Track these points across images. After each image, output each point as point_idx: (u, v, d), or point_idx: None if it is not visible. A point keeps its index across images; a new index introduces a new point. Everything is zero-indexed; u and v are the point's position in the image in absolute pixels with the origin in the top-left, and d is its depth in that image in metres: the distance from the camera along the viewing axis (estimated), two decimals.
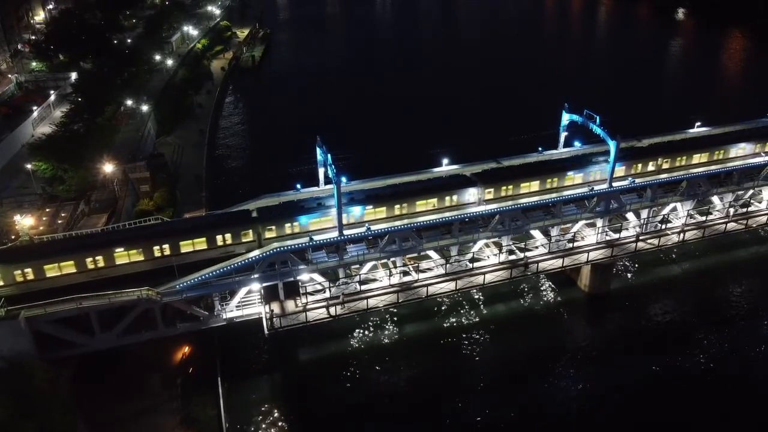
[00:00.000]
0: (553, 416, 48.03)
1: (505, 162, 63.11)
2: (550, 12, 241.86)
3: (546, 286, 62.64)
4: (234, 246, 52.28)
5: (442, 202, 57.04)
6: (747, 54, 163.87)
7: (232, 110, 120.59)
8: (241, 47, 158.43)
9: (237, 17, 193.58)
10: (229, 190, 78.57)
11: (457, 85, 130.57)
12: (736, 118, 75.75)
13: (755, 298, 61.73)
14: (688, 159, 64.89)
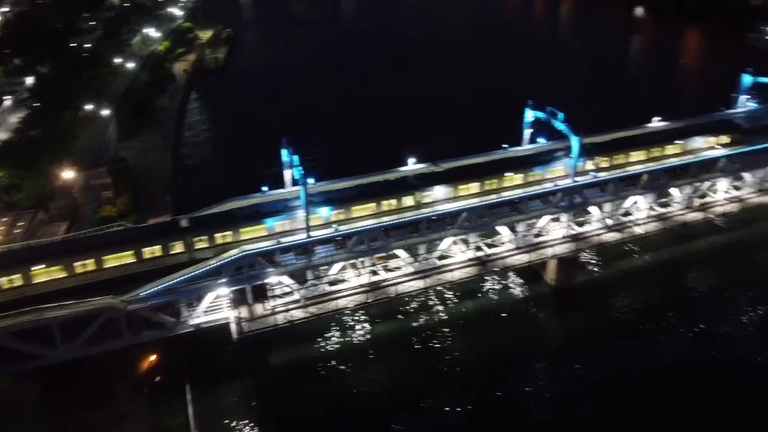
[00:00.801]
0: (526, 411, 48.58)
1: (443, 165, 63.09)
2: (514, 10, 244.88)
3: (514, 281, 63.40)
4: (163, 258, 51.12)
5: (380, 207, 57.37)
6: (702, 49, 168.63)
7: (197, 113, 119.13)
8: (205, 49, 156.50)
9: (199, 18, 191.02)
10: (195, 194, 77.49)
11: (423, 83, 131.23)
12: (693, 112, 77.66)
13: (715, 286, 63.55)
14: (627, 157, 66.69)
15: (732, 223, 71.02)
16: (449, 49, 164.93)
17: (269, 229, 54.39)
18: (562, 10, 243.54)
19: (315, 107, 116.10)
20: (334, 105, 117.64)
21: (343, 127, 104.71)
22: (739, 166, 66.30)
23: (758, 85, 77.06)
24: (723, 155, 65.52)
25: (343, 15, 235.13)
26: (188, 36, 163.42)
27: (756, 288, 62.71)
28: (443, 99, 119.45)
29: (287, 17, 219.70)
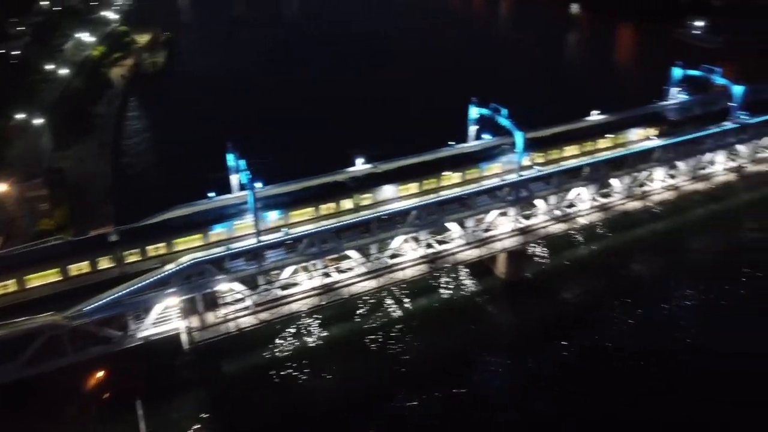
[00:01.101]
0: (484, 406, 49.23)
1: (383, 166, 63.66)
2: (455, 7, 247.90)
3: (465, 276, 64.22)
4: (91, 275, 49.62)
5: (318, 212, 57.65)
6: (635, 45, 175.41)
7: (137, 119, 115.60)
8: (142, 53, 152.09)
9: (135, 21, 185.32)
10: (139, 203, 74.95)
11: (368, 81, 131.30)
12: (630, 104, 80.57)
13: (656, 271, 66.18)
14: (560, 152, 69.16)
15: (669, 210, 74.03)
16: (392, 47, 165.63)
17: (205, 238, 53.20)
18: (502, 7, 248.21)
19: (260, 110, 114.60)
20: (279, 107, 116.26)
21: (289, 129, 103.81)
22: (673, 155, 69.10)
23: (687, 77, 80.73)
24: (658, 145, 68.15)
25: (286, 15, 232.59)
26: (124, 40, 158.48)
27: (692, 271, 65.79)
28: (388, 97, 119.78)
29: (228, 19, 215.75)
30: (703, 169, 73.76)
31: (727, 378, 50.81)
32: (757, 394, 49.32)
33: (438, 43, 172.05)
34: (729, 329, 56.84)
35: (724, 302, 60.22)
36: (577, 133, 71.95)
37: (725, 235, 72.49)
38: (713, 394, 49.29)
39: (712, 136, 71.33)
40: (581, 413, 48.17)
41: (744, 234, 72.88)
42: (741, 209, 77.49)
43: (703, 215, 75.50)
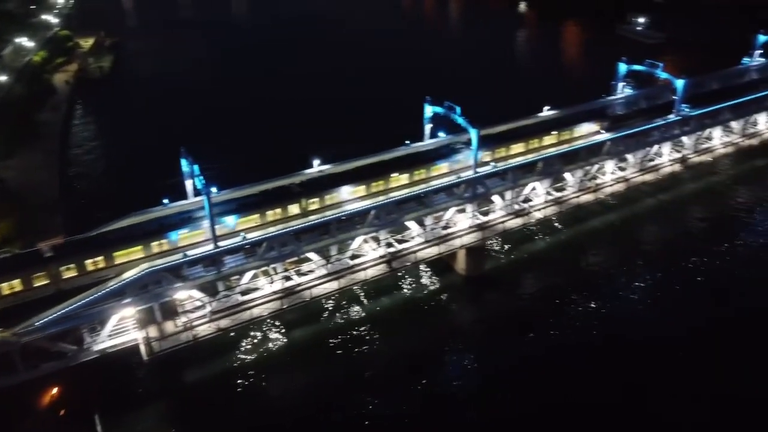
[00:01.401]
0: (448, 402, 49.57)
1: (337, 167, 63.48)
2: (406, 9, 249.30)
3: (426, 273, 64.68)
4: (25, 293, 47.61)
5: (264, 218, 57.14)
6: (581, 41, 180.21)
7: (84, 126, 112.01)
8: (87, 57, 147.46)
9: (78, 25, 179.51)
10: (89, 213, 72.77)
11: (321, 84, 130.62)
12: (578, 99, 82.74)
13: (611, 261, 67.96)
14: (507, 150, 70.45)
15: (620, 201, 76.32)
16: (345, 46, 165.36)
17: (147, 249, 51.88)
18: (452, 5, 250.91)
19: (212, 113, 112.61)
20: (232, 109, 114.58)
21: (242, 131, 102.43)
22: (622, 148, 71.19)
23: (632, 72, 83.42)
24: (608, 138, 70.07)
25: (237, 15, 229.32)
26: (67, 44, 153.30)
27: (645, 259, 67.92)
28: (341, 97, 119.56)
29: (176, 20, 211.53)
30: (651, 160, 76.22)
31: (684, 364, 52.75)
32: (711, 381, 51.13)
33: (390, 43, 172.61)
34: (683, 315, 58.85)
35: (677, 288, 62.50)
36: (526, 129, 73.34)
37: (674, 223, 75.19)
38: (672, 381, 50.93)
39: (658, 129, 73.82)
40: (546, 404, 48.98)
41: (691, 222, 75.76)
42: (687, 198, 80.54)
43: (652, 205, 78.12)
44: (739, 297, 61.25)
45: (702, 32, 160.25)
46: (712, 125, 79.77)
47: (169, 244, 52.69)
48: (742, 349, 54.04)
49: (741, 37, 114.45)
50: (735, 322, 57.73)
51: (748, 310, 59.06)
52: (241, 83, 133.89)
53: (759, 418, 47.35)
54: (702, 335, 55.92)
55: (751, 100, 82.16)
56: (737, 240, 71.07)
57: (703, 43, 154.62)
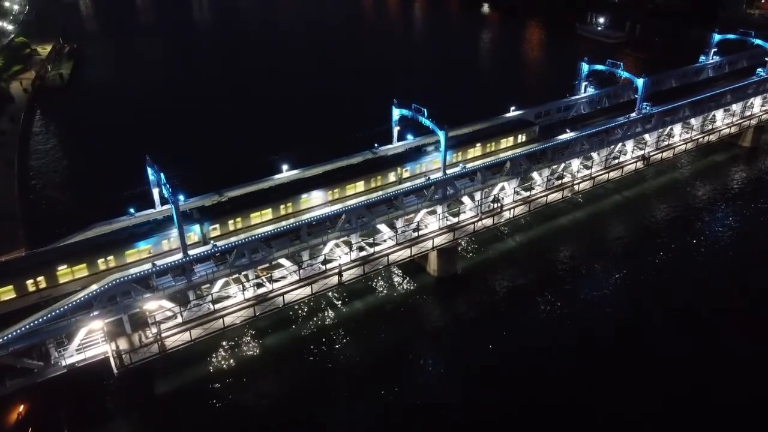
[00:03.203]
0: (424, 404, 49.68)
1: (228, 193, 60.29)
2: (369, 9, 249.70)
3: (398, 276, 64.82)
4: None
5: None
6: (542, 41, 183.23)
7: (44, 135, 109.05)
8: (46, 65, 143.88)
9: (35, 32, 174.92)
10: (53, 223, 70.85)
11: (289, 88, 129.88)
12: (544, 99, 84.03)
13: (579, 258, 69.14)
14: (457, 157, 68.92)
15: (587, 198, 77.76)
16: (311, 50, 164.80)
17: (92, 267, 50.22)
18: (416, 8, 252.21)
19: (176, 119, 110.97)
20: (195, 115, 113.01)
21: (207, 136, 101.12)
22: (587, 146, 72.48)
23: (595, 71, 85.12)
24: (575, 137, 71.25)
25: (197, 19, 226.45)
26: (25, 52, 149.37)
27: (613, 255, 69.39)
28: (305, 99, 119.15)
29: (136, 26, 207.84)
30: (615, 158, 77.79)
31: (651, 361, 54.00)
32: (677, 379, 52.39)
33: (354, 45, 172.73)
34: (651, 311, 60.28)
35: (643, 284, 63.94)
36: (490, 131, 73.82)
37: (639, 219, 76.83)
38: (641, 378, 52.04)
39: (621, 127, 75.42)
40: (520, 405, 49.51)
41: (655, 218, 77.49)
42: (651, 194, 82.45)
43: (618, 201, 79.84)
44: (703, 293, 62.88)
45: (657, 30, 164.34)
46: (673, 122, 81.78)
47: (117, 260, 50.91)
48: (708, 346, 55.55)
49: (696, 36, 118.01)
50: (701, 318, 59.36)
51: (711, 307, 60.77)
52: (204, 87, 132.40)
53: (727, 416, 48.59)
54: (667, 332, 57.23)
55: (709, 97, 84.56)
56: (700, 235, 73.08)
57: (661, 42, 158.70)
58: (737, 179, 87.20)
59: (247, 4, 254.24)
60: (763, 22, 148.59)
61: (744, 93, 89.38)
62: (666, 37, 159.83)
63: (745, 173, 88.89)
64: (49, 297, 47.54)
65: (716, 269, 66.47)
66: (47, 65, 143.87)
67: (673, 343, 55.45)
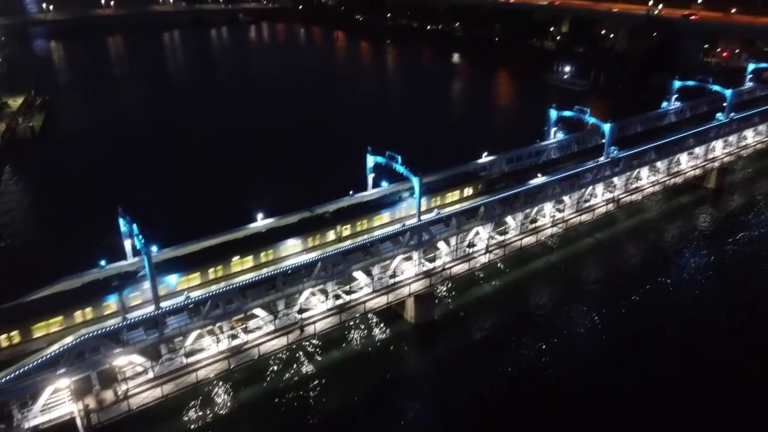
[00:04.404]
0: None
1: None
2: (342, 60, 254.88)
3: (376, 323, 64.17)
4: None
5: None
6: (512, 89, 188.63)
7: (14, 187, 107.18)
8: (17, 117, 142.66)
9: (7, 85, 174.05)
10: (20, 277, 68.86)
11: (263, 136, 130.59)
12: (515, 144, 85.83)
13: (553, 300, 69.65)
14: None
15: (560, 242, 78.66)
16: (285, 98, 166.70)
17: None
18: (388, 58, 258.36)
19: (149, 170, 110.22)
20: (168, 165, 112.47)
21: (181, 186, 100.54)
22: (559, 190, 73.81)
23: (563, 118, 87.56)
24: (547, 182, 72.57)
25: (171, 70, 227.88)
26: None
27: (587, 297, 69.80)
28: (281, 149, 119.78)
29: (110, 77, 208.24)
30: (586, 201, 79.23)
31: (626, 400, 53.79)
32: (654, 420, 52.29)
33: (328, 93, 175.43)
34: (624, 353, 60.56)
35: (618, 325, 64.30)
36: (433, 185, 72.94)
37: (611, 261, 77.89)
38: (618, 421, 51.95)
39: (590, 171, 77.14)
40: None
41: (627, 259, 78.65)
42: (622, 236, 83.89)
43: (591, 244, 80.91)
44: (674, 332, 63.55)
45: (618, 78, 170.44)
46: (640, 165, 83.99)
47: (48, 327, 49.02)
48: (683, 385, 55.89)
49: (658, 83, 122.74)
50: (673, 357, 59.70)
51: (685, 343, 61.36)
52: (178, 136, 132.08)
53: None
54: (643, 374, 57.34)
55: (673, 141, 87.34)
56: (670, 275, 74.32)
57: (624, 89, 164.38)
58: (704, 220, 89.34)
59: (221, 52, 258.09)
60: (719, 70, 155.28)
61: (706, 137, 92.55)
62: (629, 84, 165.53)
63: (710, 214, 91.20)
64: (23, 352, 45.88)
65: (686, 309, 67.38)
66: (18, 118, 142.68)
67: (648, 384, 55.49)
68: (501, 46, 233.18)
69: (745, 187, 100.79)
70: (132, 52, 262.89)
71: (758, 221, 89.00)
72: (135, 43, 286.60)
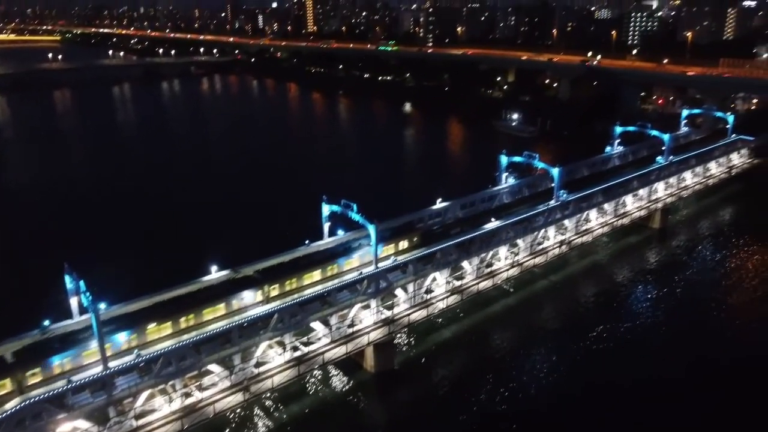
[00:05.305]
0: None
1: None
2: (296, 111, 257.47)
3: (335, 374, 62.84)
4: None
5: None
6: (463, 137, 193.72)
7: None
8: None
9: None
10: None
11: (216, 186, 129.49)
12: (469, 191, 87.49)
13: (512, 343, 70.07)
14: None
15: (516, 285, 79.54)
16: (237, 148, 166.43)
17: None
18: (342, 108, 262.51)
19: (96, 224, 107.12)
20: (117, 219, 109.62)
21: (129, 241, 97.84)
22: (512, 234, 75.14)
23: (513, 163, 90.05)
24: (501, 225, 73.86)
25: (120, 123, 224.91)
26: None
27: (544, 339, 70.32)
28: (234, 200, 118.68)
29: (55, 131, 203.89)
30: (539, 244, 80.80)
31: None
32: None
33: (282, 145, 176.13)
34: (581, 394, 60.85)
35: (575, 367, 64.84)
36: None
37: (566, 301, 79.06)
38: None
39: (542, 214, 79.04)
40: None
41: (581, 298, 79.99)
42: (575, 277, 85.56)
43: (546, 286, 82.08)
44: (629, 371, 64.25)
45: (563, 125, 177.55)
46: (588, 208, 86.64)
47: None
48: (639, 426, 56.39)
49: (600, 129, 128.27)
50: (630, 399, 60.36)
51: (639, 384, 62.11)
52: (126, 191, 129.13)
53: None
54: (600, 416, 57.67)
55: (618, 184, 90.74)
56: (622, 313, 75.94)
57: (569, 134, 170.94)
58: (651, 259, 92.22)
59: (173, 105, 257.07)
60: (656, 116, 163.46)
61: (648, 179, 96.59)
62: (574, 130, 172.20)
63: (657, 253, 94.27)
64: None
65: (638, 345, 68.65)
66: None
67: (607, 427, 55.73)
68: (451, 95, 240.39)
69: (687, 227, 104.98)
70: (80, 106, 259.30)
71: (700, 259, 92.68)
72: (84, 97, 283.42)
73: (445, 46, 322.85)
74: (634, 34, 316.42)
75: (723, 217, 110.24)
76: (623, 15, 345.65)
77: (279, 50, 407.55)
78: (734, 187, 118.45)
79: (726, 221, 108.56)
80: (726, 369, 63.74)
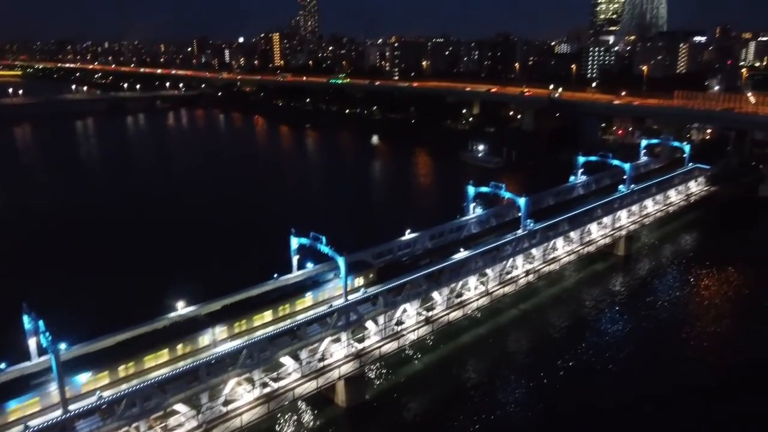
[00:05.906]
0: None
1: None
2: (263, 144, 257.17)
3: (305, 410, 61.55)
4: None
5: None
6: (430, 168, 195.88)
7: None
8: None
9: None
10: None
11: (182, 221, 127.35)
12: (435, 221, 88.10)
13: (483, 372, 69.92)
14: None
15: (486, 314, 79.67)
16: (204, 181, 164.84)
17: None
18: (309, 141, 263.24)
19: (56, 262, 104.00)
20: (79, 256, 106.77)
21: (98, 279, 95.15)
22: (481, 263, 75.61)
23: (480, 193, 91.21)
24: (470, 255, 74.27)
25: (83, 159, 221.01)
26: None
27: (515, 367, 70.42)
28: (206, 232, 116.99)
29: (16, 167, 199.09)
30: (508, 273, 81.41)
31: None
32: None
33: (249, 178, 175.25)
34: (552, 425, 60.95)
35: (543, 395, 64.94)
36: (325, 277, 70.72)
37: (536, 329, 79.50)
38: None
39: (510, 243, 79.87)
40: None
41: (550, 326, 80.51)
42: (544, 305, 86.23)
43: (515, 315, 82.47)
44: (599, 399, 64.69)
45: (527, 156, 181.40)
46: (555, 236, 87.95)
47: None
48: None
49: (564, 159, 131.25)
50: (602, 421, 60.61)
51: (608, 411, 62.47)
52: (88, 228, 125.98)
53: None
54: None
55: (583, 212, 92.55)
56: (590, 338, 76.65)
57: (534, 165, 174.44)
58: (616, 285, 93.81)
59: (138, 139, 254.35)
60: (616, 146, 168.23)
61: (611, 207, 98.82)
62: (538, 160, 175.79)
63: (622, 279, 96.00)
64: None
65: (606, 370, 69.34)
66: None
67: None
68: (417, 127, 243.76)
69: (651, 253, 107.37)
70: (41, 140, 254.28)
71: (664, 283, 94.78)
72: (45, 131, 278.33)
73: (410, 79, 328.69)
74: (593, 68, 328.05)
75: (684, 243, 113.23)
76: (582, 49, 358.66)
77: (245, 84, 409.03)
78: (693, 214, 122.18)
79: (686, 247, 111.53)
80: (689, 388, 65.19)
